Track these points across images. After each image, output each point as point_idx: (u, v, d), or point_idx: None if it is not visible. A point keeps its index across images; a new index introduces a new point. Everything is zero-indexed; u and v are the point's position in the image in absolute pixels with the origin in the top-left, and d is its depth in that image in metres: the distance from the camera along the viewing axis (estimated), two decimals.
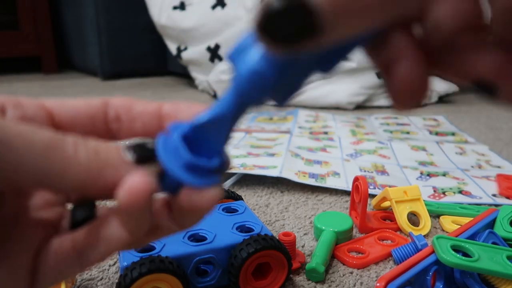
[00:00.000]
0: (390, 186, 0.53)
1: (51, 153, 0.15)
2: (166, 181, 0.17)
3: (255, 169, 0.61)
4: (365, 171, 0.65)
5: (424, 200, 0.49)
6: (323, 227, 0.43)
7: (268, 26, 0.13)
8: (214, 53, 1.33)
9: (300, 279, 0.38)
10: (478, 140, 0.85)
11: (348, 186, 0.58)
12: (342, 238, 0.43)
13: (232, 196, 0.45)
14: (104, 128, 0.20)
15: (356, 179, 0.48)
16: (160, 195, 0.19)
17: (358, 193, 0.47)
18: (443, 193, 0.57)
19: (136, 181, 0.16)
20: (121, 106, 0.20)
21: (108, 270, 0.39)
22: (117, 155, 0.16)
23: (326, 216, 0.46)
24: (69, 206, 0.20)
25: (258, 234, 0.35)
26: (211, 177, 0.18)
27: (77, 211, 0.19)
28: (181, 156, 0.17)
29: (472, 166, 0.68)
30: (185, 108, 0.20)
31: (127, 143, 0.17)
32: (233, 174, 0.61)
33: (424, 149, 0.77)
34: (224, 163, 0.18)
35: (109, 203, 0.20)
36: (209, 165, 0.17)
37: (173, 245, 0.34)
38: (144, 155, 0.17)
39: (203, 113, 0.17)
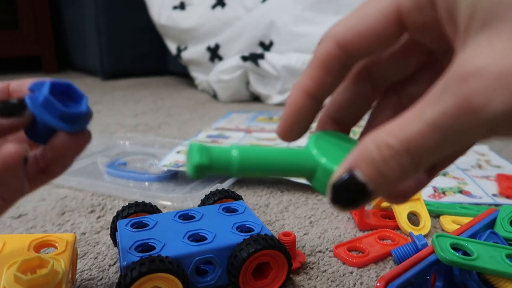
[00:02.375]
0: None
1: None
2: (35, 133, 0.22)
3: None
4: None
5: (424, 200, 0.49)
6: (323, 159, 0.21)
7: (337, 199, 0.19)
8: (214, 53, 1.33)
9: (300, 279, 0.38)
10: None
11: None
12: None
13: (232, 196, 0.45)
14: None
15: None
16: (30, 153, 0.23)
17: None
18: (443, 192, 0.57)
19: (10, 150, 0.20)
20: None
21: (108, 270, 0.39)
22: None
23: (329, 139, 0.23)
24: None
25: (258, 234, 0.35)
26: (82, 122, 0.22)
27: None
28: (55, 108, 0.21)
29: (472, 166, 0.68)
30: (29, 83, 0.23)
31: None
32: None
33: None
34: (89, 109, 0.23)
35: None
36: (79, 111, 0.22)
37: (173, 245, 0.34)
38: (8, 109, 0.21)
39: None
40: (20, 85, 0.24)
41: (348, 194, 0.18)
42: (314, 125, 0.24)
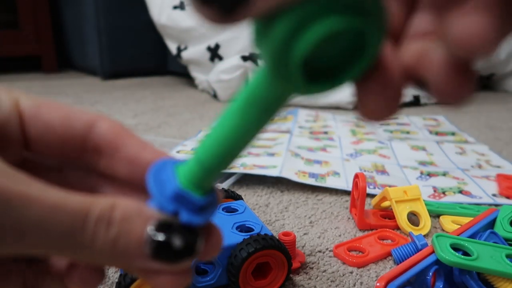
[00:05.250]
0: (390, 186, 0.53)
1: (68, 239, 0.15)
2: None
3: (255, 169, 0.61)
4: (365, 170, 0.65)
5: (424, 200, 0.49)
6: None
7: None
8: (214, 53, 1.33)
9: (300, 279, 0.38)
10: (478, 140, 0.85)
11: (348, 186, 0.58)
12: None
13: (232, 195, 0.45)
14: (78, 157, 0.19)
15: (356, 176, 0.48)
16: None
17: (357, 190, 0.47)
18: (443, 193, 0.57)
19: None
20: (104, 140, 0.18)
21: (108, 269, 0.39)
22: (136, 247, 0.16)
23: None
24: None
25: (258, 234, 0.35)
26: (210, 211, 0.18)
27: None
28: (190, 201, 0.17)
29: (472, 166, 0.68)
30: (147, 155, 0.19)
31: (154, 230, 0.16)
32: (233, 173, 0.61)
33: (424, 149, 0.77)
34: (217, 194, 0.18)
35: None
36: (214, 199, 0.18)
37: None
38: (165, 254, 0.16)
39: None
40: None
41: None
42: None
